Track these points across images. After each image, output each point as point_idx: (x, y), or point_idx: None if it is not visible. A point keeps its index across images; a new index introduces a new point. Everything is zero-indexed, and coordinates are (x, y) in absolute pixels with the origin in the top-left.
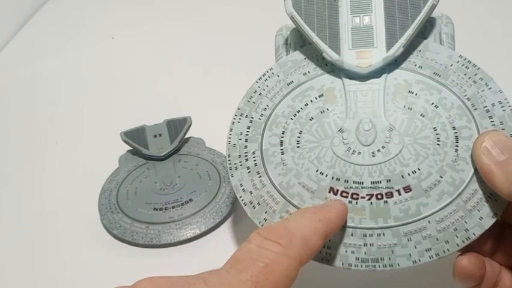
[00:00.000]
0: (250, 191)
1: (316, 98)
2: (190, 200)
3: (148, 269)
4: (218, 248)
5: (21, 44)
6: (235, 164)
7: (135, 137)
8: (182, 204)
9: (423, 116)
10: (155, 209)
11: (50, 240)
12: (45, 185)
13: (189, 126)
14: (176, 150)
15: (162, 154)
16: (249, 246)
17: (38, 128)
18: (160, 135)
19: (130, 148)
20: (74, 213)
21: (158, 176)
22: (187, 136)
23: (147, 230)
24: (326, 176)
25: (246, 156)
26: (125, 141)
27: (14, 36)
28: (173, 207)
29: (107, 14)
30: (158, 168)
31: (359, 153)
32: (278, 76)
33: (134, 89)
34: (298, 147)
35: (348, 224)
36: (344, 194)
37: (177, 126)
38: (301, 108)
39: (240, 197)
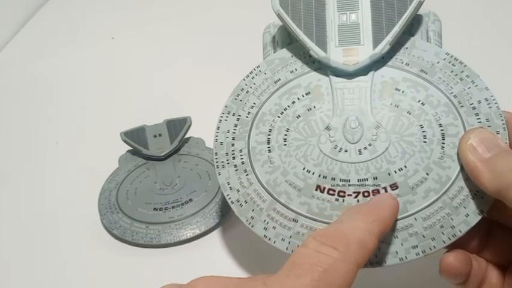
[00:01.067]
0: (238, 189)
1: (303, 96)
2: (190, 200)
3: (148, 269)
4: (218, 248)
5: (21, 44)
6: (222, 162)
7: (135, 137)
8: (182, 204)
9: (410, 114)
10: (155, 209)
11: (50, 240)
12: (45, 185)
13: (189, 126)
14: (176, 150)
15: (162, 154)
16: (306, 251)
17: (38, 128)
18: (160, 135)
19: (130, 148)
20: (74, 213)
21: (158, 176)
22: (187, 136)
23: (147, 230)
24: (313, 173)
25: (233, 154)
26: (125, 141)
27: (14, 36)
28: (173, 207)
29: (107, 14)
30: (158, 168)
31: (346, 151)
32: (265, 74)
33: (134, 89)
34: (285, 145)
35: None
36: (331, 192)
37: (177, 126)
38: (289, 106)
39: (227, 195)
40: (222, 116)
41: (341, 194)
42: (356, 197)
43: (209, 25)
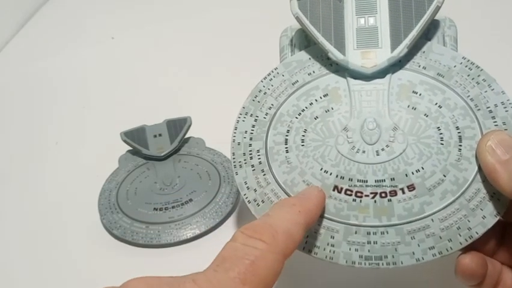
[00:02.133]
0: (255, 189)
1: (321, 98)
2: (190, 200)
3: (148, 269)
4: (218, 248)
5: (21, 44)
6: (240, 162)
7: (135, 137)
8: (182, 204)
9: (427, 116)
10: (155, 209)
11: (50, 240)
12: (45, 185)
13: (189, 126)
14: (176, 150)
15: (162, 154)
16: (234, 245)
17: (38, 128)
18: (160, 135)
19: (130, 148)
20: (74, 213)
21: (158, 176)
22: (187, 136)
23: (147, 230)
24: (331, 174)
25: (251, 154)
26: (125, 141)
27: (14, 36)
28: (173, 207)
29: (107, 14)
30: (158, 168)
31: (364, 152)
32: (283, 76)
33: (134, 89)
34: (303, 145)
35: (352, 222)
36: (348, 192)
37: (177, 126)
38: (306, 107)
39: (244, 194)
40: (239, 117)
41: (358, 194)
42: (373, 197)
43: (209, 25)
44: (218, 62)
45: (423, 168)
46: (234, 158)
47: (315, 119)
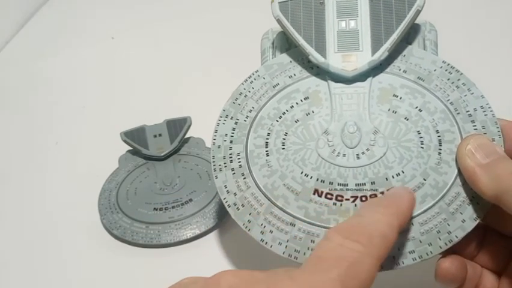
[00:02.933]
0: (235, 193)
1: (301, 101)
2: (190, 200)
3: (148, 269)
4: (218, 248)
5: (21, 44)
6: (220, 165)
7: (135, 137)
8: (182, 204)
9: (407, 120)
10: (155, 209)
11: (50, 240)
12: (45, 185)
13: (189, 126)
14: (176, 150)
15: (162, 154)
16: (330, 245)
17: (38, 128)
18: (160, 135)
19: (130, 148)
20: (74, 213)
21: (158, 176)
22: (187, 136)
23: (147, 230)
24: (311, 177)
25: (231, 157)
26: (125, 141)
27: (14, 36)
28: (173, 207)
29: (107, 14)
30: (158, 168)
31: (344, 155)
32: (264, 78)
33: (134, 89)
34: (283, 149)
35: (333, 225)
36: (329, 196)
37: (177, 126)
38: (287, 111)
39: (224, 198)
40: (219, 120)
41: (339, 198)
42: (353, 201)
43: (209, 25)
44: (218, 62)
45: (403, 172)
46: (213, 162)
47: (296, 122)
